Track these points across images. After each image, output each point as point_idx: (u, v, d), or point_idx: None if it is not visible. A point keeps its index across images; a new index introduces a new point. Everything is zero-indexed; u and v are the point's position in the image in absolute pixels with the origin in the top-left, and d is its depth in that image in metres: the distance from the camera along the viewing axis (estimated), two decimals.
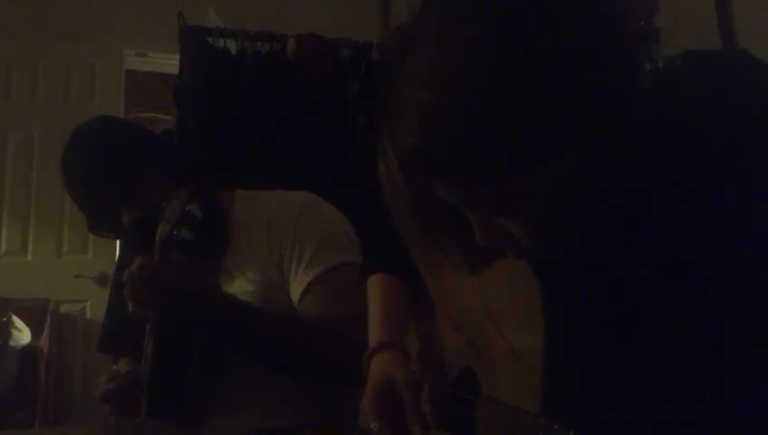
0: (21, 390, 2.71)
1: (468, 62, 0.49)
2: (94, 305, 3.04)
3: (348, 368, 0.89)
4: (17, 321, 2.73)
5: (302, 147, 2.42)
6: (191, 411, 1.19)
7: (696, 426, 0.56)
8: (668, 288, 0.57)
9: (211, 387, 1.20)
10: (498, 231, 0.57)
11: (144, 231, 1.14)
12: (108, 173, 1.20)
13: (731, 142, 0.55)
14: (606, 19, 0.51)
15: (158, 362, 1.14)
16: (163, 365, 1.15)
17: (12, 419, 2.64)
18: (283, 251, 1.21)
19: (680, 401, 0.56)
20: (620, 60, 0.51)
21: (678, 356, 0.56)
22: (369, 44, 2.59)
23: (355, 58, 2.56)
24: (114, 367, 1.32)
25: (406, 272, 0.84)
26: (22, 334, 2.74)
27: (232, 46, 2.52)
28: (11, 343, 2.68)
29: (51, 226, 3.10)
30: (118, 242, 1.97)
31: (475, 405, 0.74)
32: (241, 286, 1.22)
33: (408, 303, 0.92)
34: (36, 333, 2.83)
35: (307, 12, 3.13)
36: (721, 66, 0.61)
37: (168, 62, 3.02)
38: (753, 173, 0.55)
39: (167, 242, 1.08)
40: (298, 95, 2.46)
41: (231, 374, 1.20)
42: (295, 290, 1.20)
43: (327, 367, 1.13)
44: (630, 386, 0.58)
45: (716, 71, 0.60)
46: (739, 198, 0.54)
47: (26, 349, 2.75)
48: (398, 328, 0.89)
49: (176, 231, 1.08)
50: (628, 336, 0.59)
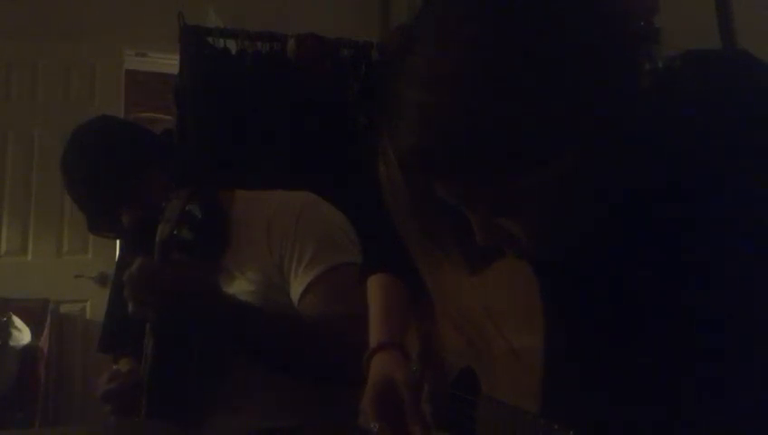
0: (21, 390, 2.71)
1: (468, 62, 0.49)
2: (94, 305, 3.04)
3: (348, 368, 0.89)
4: (17, 321, 2.73)
5: (302, 147, 2.42)
6: (191, 411, 1.19)
7: (696, 426, 0.56)
8: (668, 288, 0.57)
9: (211, 387, 1.20)
10: (498, 231, 0.57)
11: (144, 231, 1.14)
12: (108, 173, 1.20)
13: (731, 142, 0.55)
14: (606, 19, 0.51)
15: (158, 362, 1.14)
16: (163, 365, 1.15)
17: (12, 419, 2.63)
18: (283, 251, 1.21)
19: (680, 401, 0.56)
20: (620, 60, 0.51)
21: (678, 356, 0.56)
22: (369, 44, 2.59)
23: (355, 58, 2.56)
24: (114, 367, 1.32)
25: (406, 272, 0.84)
26: (22, 334, 2.74)
27: (232, 46, 2.52)
28: (11, 343, 2.67)
29: (51, 226, 3.10)
30: (118, 242, 1.97)
31: (475, 405, 0.74)
32: (241, 286, 1.22)
33: (408, 303, 0.92)
34: (36, 333, 2.83)
35: (307, 12, 3.13)
36: (721, 66, 0.61)
37: (168, 62, 3.02)
38: (753, 173, 0.55)
39: (167, 242, 1.08)
40: (298, 95, 2.46)
41: (231, 374, 1.20)
42: (295, 290, 1.20)
43: (327, 367, 1.13)
44: (630, 386, 0.58)
45: (716, 71, 0.60)
46: (739, 198, 0.54)
47: (26, 349, 2.75)
48: (399, 328, 0.89)
49: (176, 231, 1.08)
50: (628, 336, 0.59)
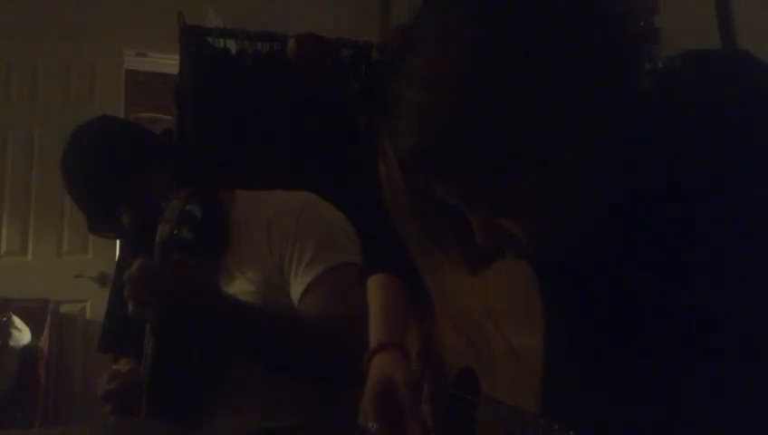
0: (21, 390, 2.71)
1: (468, 62, 0.49)
2: (94, 305, 3.04)
3: (348, 368, 0.89)
4: (17, 321, 2.73)
5: (302, 147, 2.42)
6: (191, 411, 1.19)
7: (696, 426, 0.55)
8: (668, 288, 0.57)
9: (211, 387, 1.20)
10: (498, 231, 0.57)
11: (144, 231, 1.14)
12: (108, 173, 1.20)
13: (731, 142, 0.55)
14: (606, 19, 0.51)
15: (158, 362, 1.14)
16: (163, 365, 1.15)
17: (12, 419, 2.63)
18: (283, 251, 1.21)
19: (680, 401, 0.56)
20: (620, 60, 0.51)
21: (678, 356, 0.56)
22: (369, 44, 2.60)
23: (355, 58, 2.56)
24: (114, 367, 1.32)
25: (406, 272, 0.84)
26: (22, 334, 2.74)
27: (232, 46, 2.52)
28: (11, 343, 2.67)
29: (51, 226, 3.10)
30: (118, 242, 1.97)
31: (475, 405, 0.74)
32: (241, 286, 1.22)
33: (408, 303, 0.91)
34: (36, 333, 2.83)
35: (307, 12, 3.13)
36: (721, 66, 0.61)
37: (168, 62, 3.02)
38: (753, 173, 0.55)
39: (167, 242, 1.08)
40: (298, 95, 2.46)
41: (231, 374, 1.20)
42: (295, 290, 1.20)
43: (327, 367, 1.13)
44: (630, 386, 0.57)
45: (716, 71, 0.60)
46: (739, 198, 0.54)
47: (26, 349, 2.75)
48: (399, 328, 0.89)
49: (176, 231, 1.08)
50: (628, 336, 0.59)
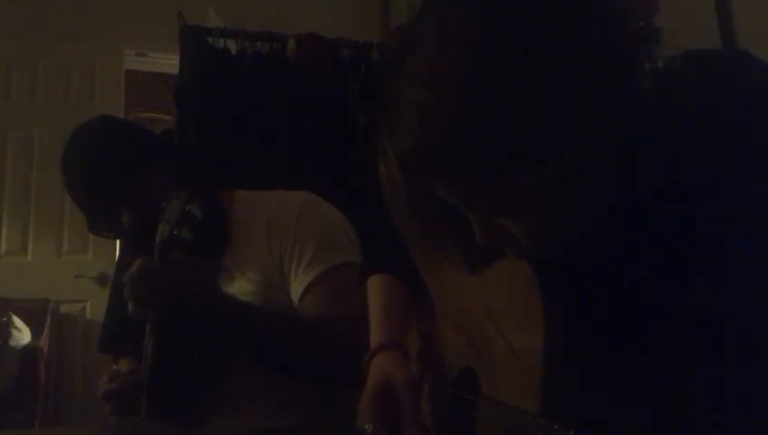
0: (21, 390, 2.71)
1: (468, 62, 0.49)
2: (94, 305, 3.04)
3: (348, 368, 0.89)
4: (17, 321, 2.73)
5: (302, 147, 2.42)
6: (191, 411, 1.19)
7: (696, 426, 0.56)
8: (668, 288, 0.57)
9: (211, 387, 1.20)
10: (498, 231, 0.57)
11: (144, 231, 1.14)
12: (108, 173, 1.20)
13: (731, 142, 0.55)
14: (606, 19, 0.51)
15: (158, 362, 1.14)
16: (163, 365, 1.15)
17: (12, 419, 2.63)
18: (283, 251, 1.21)
19: (680, 401, 0.56)
20: (620, 60, 0.51)
21: (678, 356, 0.56)
22: (369, 44, 2.60)
23: (355, 58, 2.56)
24: (114, 367, 1.32)
25: (406, 272, 0.84)
26: (22, 334, 2.74)
27: (232, 46, 2.52)
28: (11, 343, 2.67)
29: (51, 226, 3.10)
30: (118, 242, 1.97)
31: (475, 405, 0.74)
32: (241, 286, 1.22)
33: (408, 303, 0.91)
34: (36, 333, 2.83)
35: (307, 12, 3.13)
36: (721, 66, 0.61)
37: (168, 62, 3.02)
38: (753, 173, 0.55)
39: (167, 242, 1.08)
40: (298, 95, 2.46)
41: (231, 374, 1.20)
42: (295, 290, 1.20)
43: (327, 367, 1.13)
44: (630, 386, 0.57)
45: (716, 71, 0.60)
46: (739, 198, 0.54)
47: (26, 349, 2.75)
48: (399, 328, 0.88)
49: (176, 231, 1.08)
50: (628, 336, 0.59)
